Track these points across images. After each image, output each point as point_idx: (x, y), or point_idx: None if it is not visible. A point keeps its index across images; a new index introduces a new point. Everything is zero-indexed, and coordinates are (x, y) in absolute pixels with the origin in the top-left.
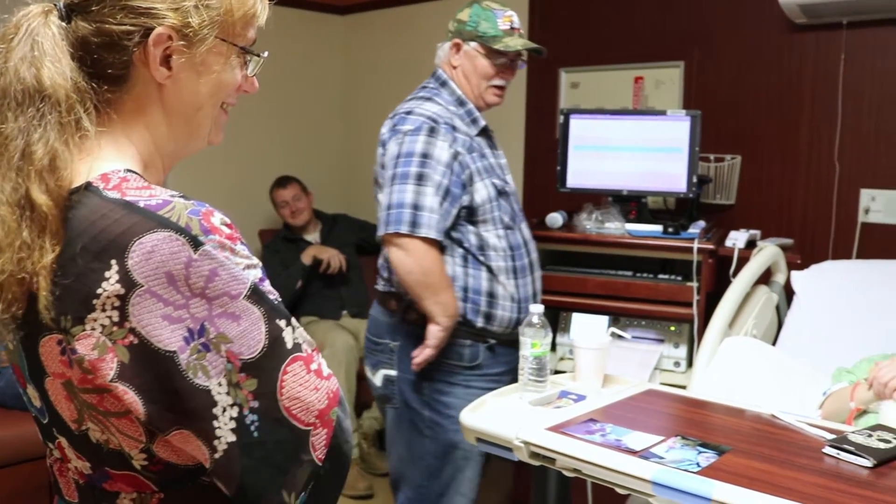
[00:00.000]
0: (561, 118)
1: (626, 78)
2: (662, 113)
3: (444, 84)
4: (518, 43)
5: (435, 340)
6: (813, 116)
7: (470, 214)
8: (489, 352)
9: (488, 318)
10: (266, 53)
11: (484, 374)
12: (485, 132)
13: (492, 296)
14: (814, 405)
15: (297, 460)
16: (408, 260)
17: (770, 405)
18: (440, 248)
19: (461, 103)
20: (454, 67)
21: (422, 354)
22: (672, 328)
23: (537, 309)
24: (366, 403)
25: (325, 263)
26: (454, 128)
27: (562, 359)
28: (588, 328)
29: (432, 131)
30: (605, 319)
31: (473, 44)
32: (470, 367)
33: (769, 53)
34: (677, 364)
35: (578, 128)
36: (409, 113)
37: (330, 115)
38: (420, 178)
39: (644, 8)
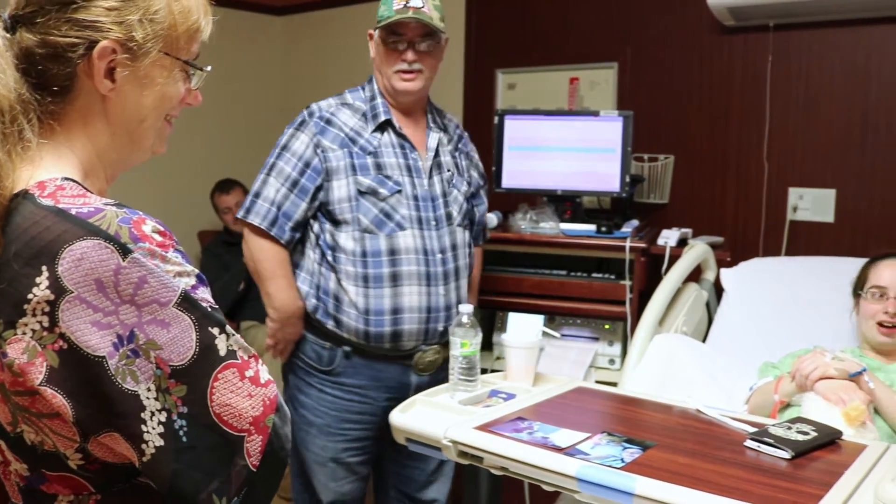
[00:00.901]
0: (496, 119)
1: (562, 79)
2: (595, 114)
3: (370, 80)
4: (401, 18)
5: (269, 331)
6: (742, 117)
7: (330, 212)
8: (346, 359)
9: (337, 322)
10: (209, 68)
11: (340, 383)
12: (390, 128)
13: (337, 300)
14: (741, 400)
15: (230, 466)
16: (245, 246)
17: (697, 401)
18: (273, 239)
19: (373, 97)
20: (374, 59)
21: (267, 345)
22: (607, 326)
23: (466, 309)
24: None
25: None
26: (329, 121)
27: (498, 358)
28: (523, 327)
29: (301, 124)
30: (540, 318)
31: (376, 31)
32: (325, 370)
33: (700, 55)
34: (612, 362)
35: (513, 129)
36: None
37: (270, 116)
38: (271, 169)
39: (578, 10)
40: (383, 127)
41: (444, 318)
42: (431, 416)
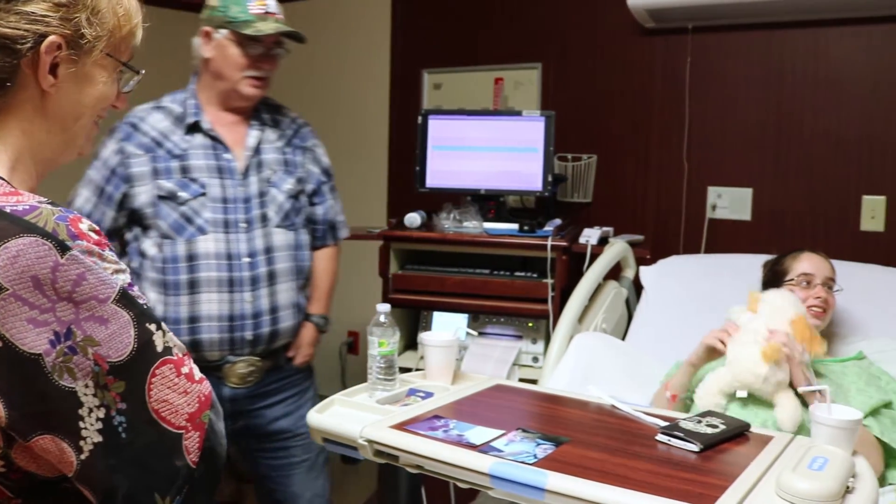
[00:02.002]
0: (419, 119)
1: (487, 79)
2: (518, 113)
3: (192, 80)
4: (270, 27)
5: None
6: (663, 117)
7: (138, 219)
8: None
9: None
10: (144, 71)
11: None
12: (198, 130)
13: None
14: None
15: (170, 463)
16: None
17: (612, 397)
18: None
19: (188, 99)
20: (207, 59)
21: None
22: (530, 324)
23: (383, 308)
24: None
25: None
26: (135, 126)
27: (423, 357)
28: (447, 326)
29: (112, 131)
30: (464, 317)
31: (224, 31)
32: None
33: (621, 56)
34: (536, 359)
35: (437, 128)
36: None
37: None
38: (84, 178)
39: (503, 10)
40: (195, 129)
41: (251, 326)
42: (348, 416)
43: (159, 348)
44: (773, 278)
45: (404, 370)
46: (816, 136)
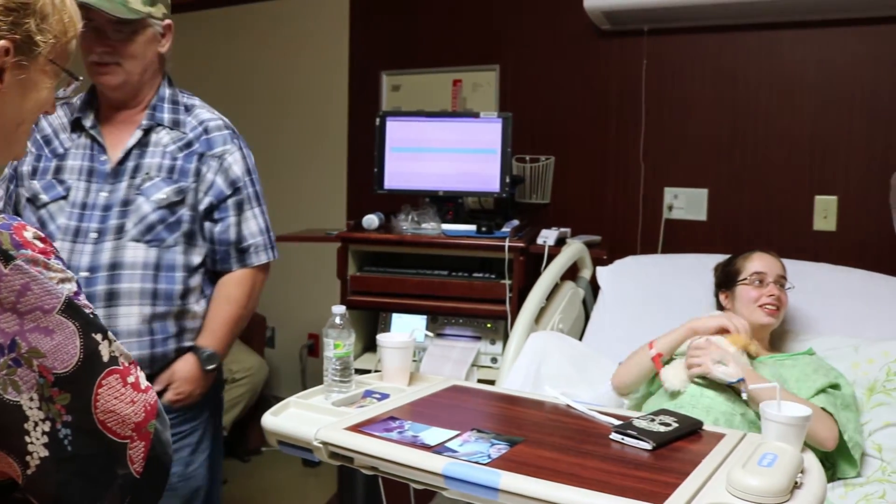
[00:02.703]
0: (377, 121)
1: (445, 81)
2: (476, 115)
3: None
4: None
5: None
6: (620, 119)
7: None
8: None
9: None
10: (82, 78)
11: None
12: (80, 128)
13: None
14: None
15: (113, 473)
16: None
17: (568, 396)
18: None
19: (85, 94)
20: None
21: None
22: (489, 325)
23: (339, 310)
24: None
25: None
26: (37, 123)
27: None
28: (406, 328)
29: None
30: (423, 319)
31: None
32: None
33: (579, 58)
34: (494, 360)
35: (395, 130)
36: None
37: None
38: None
39: (462, 12)
40: (78, 127)
41: None
42: (304, 418)
43: (105, 358)
44: (726, 280)
45: (363, 372)
46: (770, 137)
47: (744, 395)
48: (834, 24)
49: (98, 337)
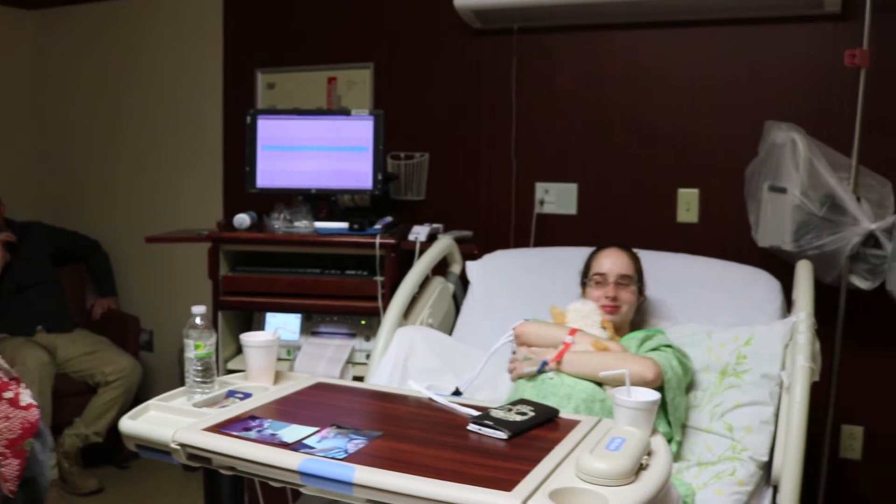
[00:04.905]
0: (248, 119)
1: (320, 79)
2: (347, 113)
3: None
4: None
5: None
6: (492, 116)
7: None
8: None
9: None
10: None
11: None
12: None
13: None
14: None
15: None
16: None
17: (430, 389)
18: None
19: None
20: None
21: None
22: (363, 322)
23: (199, 310)
24: (68, 421)
25: None
26: None
27: None
28: (280, 327)
29: None
30: (297, 317)
31: None
32: None
33: (451, 56)
34: (369, 357)
35: (266, 129)
36: None
37: (19, 116)
38: None
39: (335, 10)
40: None
41: None
42: (163, 420)
43: None
44: (582, 275)
45: (237, 372)
46: (634, 132)
47: (550, 375)
48: (690, 25)
49: None
